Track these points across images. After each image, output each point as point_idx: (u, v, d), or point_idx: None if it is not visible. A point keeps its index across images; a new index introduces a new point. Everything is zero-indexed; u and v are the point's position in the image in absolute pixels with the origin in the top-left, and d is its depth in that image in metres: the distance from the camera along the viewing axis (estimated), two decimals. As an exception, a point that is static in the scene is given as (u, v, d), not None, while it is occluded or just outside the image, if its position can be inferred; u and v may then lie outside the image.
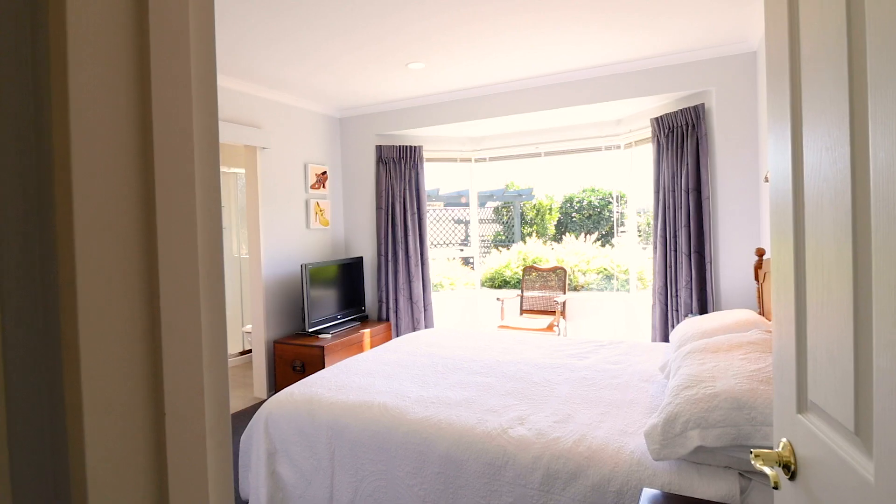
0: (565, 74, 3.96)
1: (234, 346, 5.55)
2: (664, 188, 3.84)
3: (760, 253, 2.97)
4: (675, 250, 3.78)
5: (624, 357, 2.83)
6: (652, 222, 4.04)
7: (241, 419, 3.72)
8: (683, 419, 1.58)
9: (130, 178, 0.47)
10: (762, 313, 2.96)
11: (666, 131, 3.81)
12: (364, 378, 2.58)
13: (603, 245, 5.61)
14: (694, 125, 3.63)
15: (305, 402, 2.31)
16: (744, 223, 3.51)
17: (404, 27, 2.93)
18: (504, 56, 3.51)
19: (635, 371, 2.53)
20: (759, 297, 3.06)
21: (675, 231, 3.78)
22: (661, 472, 1.61)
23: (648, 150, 4.20)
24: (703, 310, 3.61)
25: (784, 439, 0.95)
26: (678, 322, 3.73)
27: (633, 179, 4.60)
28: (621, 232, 5.05)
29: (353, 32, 2.97)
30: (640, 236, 4.69)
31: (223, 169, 5.36)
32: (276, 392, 4.25)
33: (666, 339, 3.85)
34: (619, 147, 4.66)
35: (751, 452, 0.93)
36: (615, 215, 5.13)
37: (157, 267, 0.48)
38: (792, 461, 0.91)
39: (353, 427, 2.11)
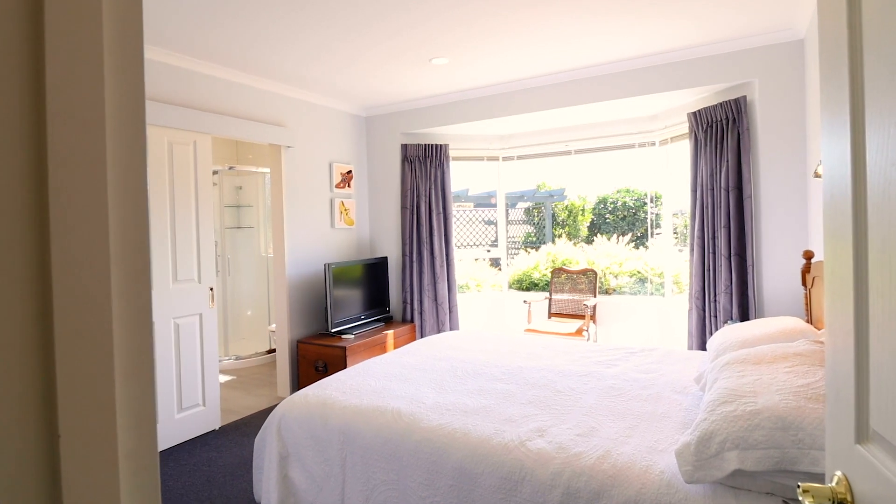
0: (596, 68, 3.80)
1: (261, 345, 5.59)
2: (702, 186, 3.62)
3: (808, 255, 2.74)
4: (714, 252, 3.55)
5: (656, 366, 2.65)
6: (689, 223, 3.82)
7: (264, 418, 3.70)
8: (720, 438, 1.42)
9: (16, 159, 0.39)
10: (810, 321, 2.73)
11: (704, 126, 3.59)
12: (380, 381, 2.50)
13: (637, 247, 5.37)
14: (735, 119, 3.40)
15: (319, 406, 2.24)
16: (789, 223, 3.26)
17: (425, 20, 2.84)
18: (531, 49, 3.38)
19: (668, 381, 2.36)
20: (806, 304, 2.83)
21: (713, 232, 3.55)
22: (694, 497, 1.45)
23: (685, 147, 3.98)
24: (744, 316, 3.38)
25: (838, 472, 0.81)
26: (717, 329, 3.51)
27: (668, 177, 4.38)
28: (656, 234, 4.83)
29: (373, 26, 2.91)
30: (676, 238, 4.46)
31: (251, 168, 5.41)
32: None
33: (703, 346, 3.63)
34: (653, 144, 4.45)
35: (798, 486, 0.79)
36: (650, 216, 4.90)
37: (50, 263, 0.40)
38: (848, 499, 0.77)
39: (364, 433, 2.03)
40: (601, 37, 3.19)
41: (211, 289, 3.53)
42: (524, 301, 4.67)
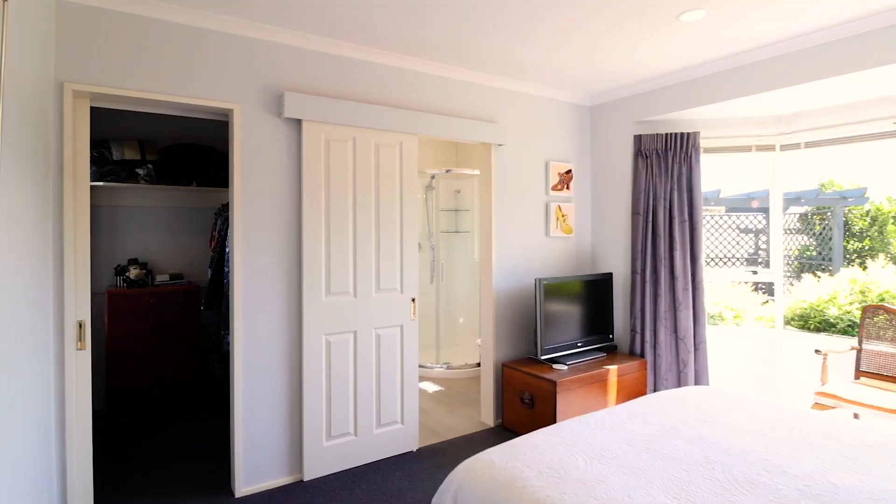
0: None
1: (472, 356, 5.35)
2: None
3: None
4: None
5: None
6: None
7: (462, 448, 3.31)
8: None
9: None
10: None
11: None
12: (591, 463, 1.77)
13: None
14: None
15: (504, 486, 1.65)
16: None
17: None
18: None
19: None
20: None
21: None
22: None
23: None
24: None
25: None
26: None
27: None
28: None
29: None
30: None
31: (467, 171, 5.16)
32: (502, 422, 3.75)
33: None
34: None
35: None
36: None
37: None
38: None
39: (562, 556, 1.35)
40: None
41: (413, 300, 3.29)
42: (816, 350, 3.27)
